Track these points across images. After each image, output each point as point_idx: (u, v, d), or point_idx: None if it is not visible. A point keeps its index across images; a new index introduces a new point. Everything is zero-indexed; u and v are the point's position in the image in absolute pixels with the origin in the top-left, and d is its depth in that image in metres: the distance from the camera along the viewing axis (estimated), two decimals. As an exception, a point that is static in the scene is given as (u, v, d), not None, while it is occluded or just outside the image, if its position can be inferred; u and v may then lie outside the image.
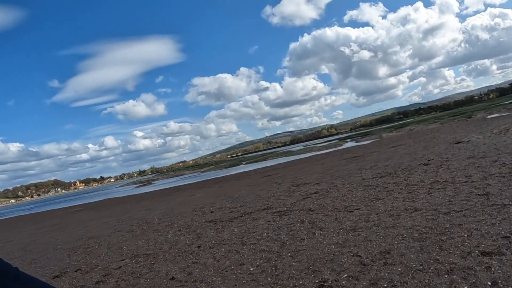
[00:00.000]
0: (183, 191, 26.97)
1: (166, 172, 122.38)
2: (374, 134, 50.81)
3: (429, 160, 14.29)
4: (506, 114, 34.09)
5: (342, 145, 49.30)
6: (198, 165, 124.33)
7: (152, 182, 71.75)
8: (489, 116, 36.71)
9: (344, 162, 22.02)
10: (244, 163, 65.34)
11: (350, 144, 47.15)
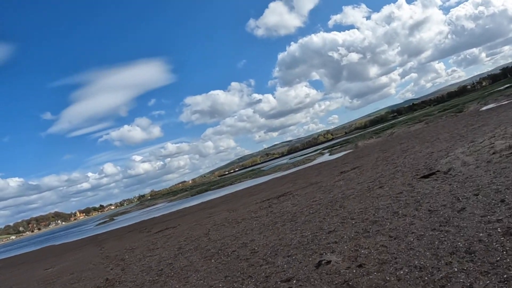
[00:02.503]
0: (118, 237, 23.17)
1: (154, 198, 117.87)
2: (352, 142, 43.31)
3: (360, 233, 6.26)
4: (505, 102, 26.60)
5: (313, 160, 42.04)
6: (173, 191, 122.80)
7: (114, 218, 68.25)
8: (484, 108, 29.36)
9: (258, 209, 14.35)
10: (212, 187, 62.85)
11: (319, 160, 39.71)
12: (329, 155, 41.93)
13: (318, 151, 56.77)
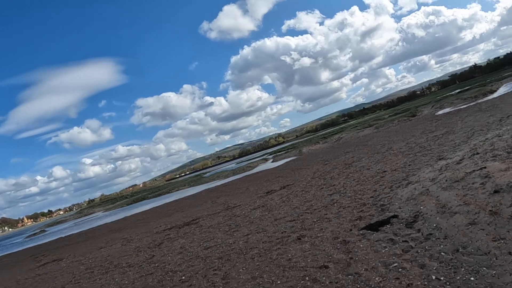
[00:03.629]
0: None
1: (93, 206, 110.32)
2: (298, 148, 38.97)
3: None
4: (464, 106, 23.37)
5: (254, 167, 37.33)
6: (114, 198, 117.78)
7: (46, 230, 61.06)
8: (440, 112, 26.09)
9: (142, 249, 9.03)
10: (150, 195, 60.14)
11: (259, 167, 35.09)
12: (272, 162, 37.47)
13: (263, 157, 52.28)
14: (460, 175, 6.51)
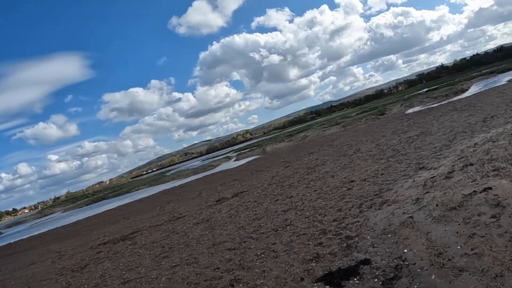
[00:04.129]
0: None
1: (53, 206, 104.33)
2: (262, 146, 36.91)
3: None
4: (436, 105, 22.31)
5: (215, 167, 35.24)
6: (75, 197, 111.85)
7: (2, 232, 55.59)
8: (410, 111, 24.94)
9: None
10: (110, 195, 57.30)
11: (221, 167, 33.06)
12: (234, 160, 35.34)
13: (227, 155, 50.06)
14: (456, 198, 4.64)
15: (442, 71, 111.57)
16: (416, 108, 24.60)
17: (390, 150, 10.94)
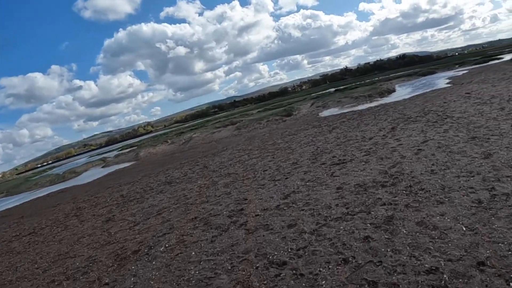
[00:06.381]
0: None
1: None
2: (139, 148, 28.80)
3: None
4: (362, 107, 18.20)
5: (79, 174, 27.00)
6: None
7: None
8: (326, 113, 20.11)
9: None
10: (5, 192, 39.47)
11: (83, 176, 24.48)
12: (103, 167, 26.78)
13: (102, 156, 40.36)
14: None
15: (346, 73, 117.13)
16: (334, 110, 19.75)
17: (313, 181, 4.86)
